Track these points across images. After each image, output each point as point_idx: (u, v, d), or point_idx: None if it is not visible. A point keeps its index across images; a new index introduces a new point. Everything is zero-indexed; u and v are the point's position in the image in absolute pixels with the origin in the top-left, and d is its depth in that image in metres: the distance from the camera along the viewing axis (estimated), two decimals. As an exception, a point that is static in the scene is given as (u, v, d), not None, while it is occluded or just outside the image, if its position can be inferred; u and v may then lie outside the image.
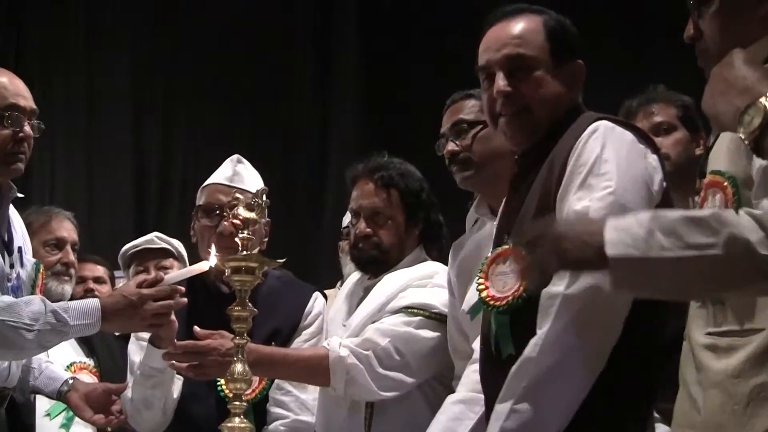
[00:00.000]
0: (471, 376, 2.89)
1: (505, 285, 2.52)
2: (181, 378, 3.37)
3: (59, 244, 4.15)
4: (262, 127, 7.42)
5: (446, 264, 3.36)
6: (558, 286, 2.30)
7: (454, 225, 3.56)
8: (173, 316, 3.08)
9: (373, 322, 3.31)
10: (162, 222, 7.41)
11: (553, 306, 2.30)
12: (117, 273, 4.95)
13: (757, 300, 2.05)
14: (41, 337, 3.02)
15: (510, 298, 2.49)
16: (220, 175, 3.52)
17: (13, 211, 3.41)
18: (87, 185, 7.77)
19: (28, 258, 3.42)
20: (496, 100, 2.62)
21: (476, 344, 2.87)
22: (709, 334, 2.15)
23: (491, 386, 2.55)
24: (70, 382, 3.56)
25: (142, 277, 3.09)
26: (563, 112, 2.62)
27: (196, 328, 3.11)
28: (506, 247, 2.56)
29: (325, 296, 3.76)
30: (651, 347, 2.42)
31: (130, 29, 7.96)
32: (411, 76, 7.25)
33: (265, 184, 3.36)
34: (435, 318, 3.30)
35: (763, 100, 1.77)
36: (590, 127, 2.48)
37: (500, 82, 2.59)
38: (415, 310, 3.30)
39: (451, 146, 3.12)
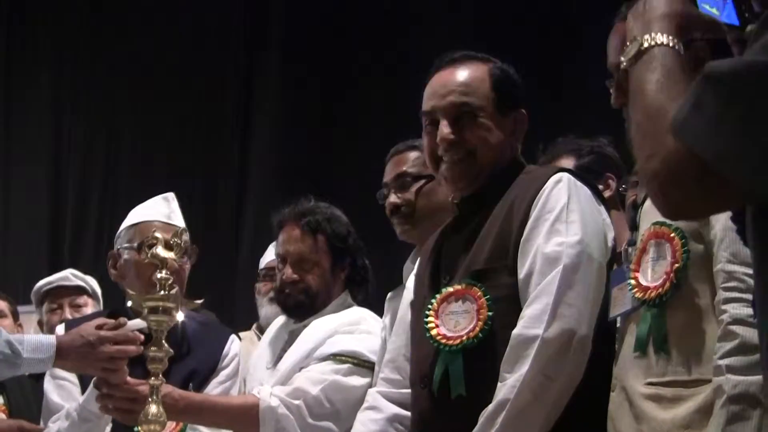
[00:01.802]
0: (369, 426, 2.85)
1: (458, 324, 2.51)
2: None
3: None
4: (181, 165, 7.25)
5: (371, 308, 3.37)
6: (534, 329, 2.33)
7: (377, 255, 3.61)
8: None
9: (301, 369, 3.25)
10: (78, 254, 7.27)
11: (531, 348, 2.32)
12: (21, 308, 4.78)
13: (704, 349, 2.06)
14: None
15: (464, 337, 2.48)
16: (156, 212, 3.39)
17: None
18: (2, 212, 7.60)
19: None
20: (438, 146, 2.63)
21: (371, 392, 2.90)
22: (651, 384, 2.15)
23: (430, 427, 2.57)
24: None
25: (102, 319, 2.99)
26: (506, 159, 2.67)
27: (129, 378, 2.98)
28: (458, 287, 2.54)
29: (239, 338, 3.69)
30: (591, 392, 2.39)
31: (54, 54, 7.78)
32: (334, 113, 7.14)
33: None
34: (363, 365, 3.24)
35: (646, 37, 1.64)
36: (554, 178, 2.52)
37: (444, 129, 2.63)
38: (343, 358, 3.25)
39: (393, 199, 3.14)
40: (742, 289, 2.01)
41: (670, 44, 1.60)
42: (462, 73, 2.67)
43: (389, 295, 3.29)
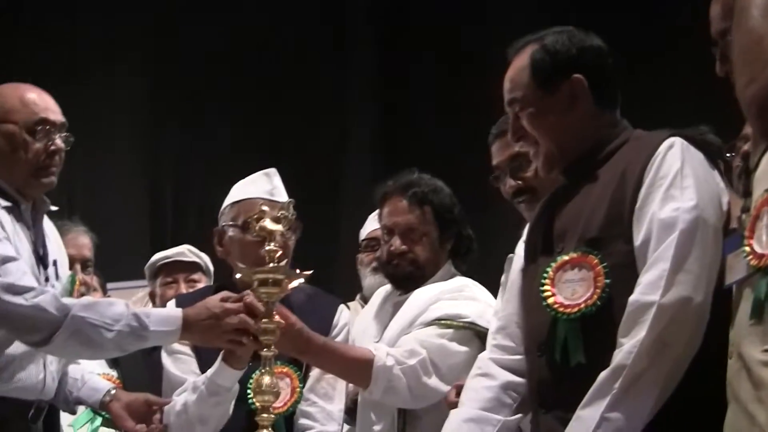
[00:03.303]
0: (482, 393, 2.80)
1: (575, 292, 2.49)
2: None
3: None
4: (281, 142, 7.28)
5: (475, 279, 3.39)
6: (651, 295, 2.31)
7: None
8: None
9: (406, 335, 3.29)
10: (180, 230, 7.38)
11: (648, 314, 2.31)
12: (123, 284, 4.83)
13: None
14: (120, 339, 2.98)
15: (582, 305, 2.47)
16: (258, 189, 3.41)
17: (48, 224, 3.38)
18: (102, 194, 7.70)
19: (64, 271, 3.39)
20: None
21: (483, 358, 2.85)
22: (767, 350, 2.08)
23: (547, 394, 2.57)
24: (112, 392, 3.48)
25: (227, 293, 3.01)
26: (588, 126, 2.64)
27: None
28: (574, 255, 2.52)
29: (347, 308, 3.71)
30: (709, 358, 2.34)
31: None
32: (426, 92, 7.09)
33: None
34: (466, 328, 3.28)
35: None
36: (666, 142, 2.49)
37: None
38: (447, 322, 3.28)
39: (512, 182, 3.16)
40: None
41: None
42: (510, 69, 2.70)
43: (509, 256, 3.21)
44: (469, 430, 2.77)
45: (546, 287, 2.53)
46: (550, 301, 2.51)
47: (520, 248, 2.87)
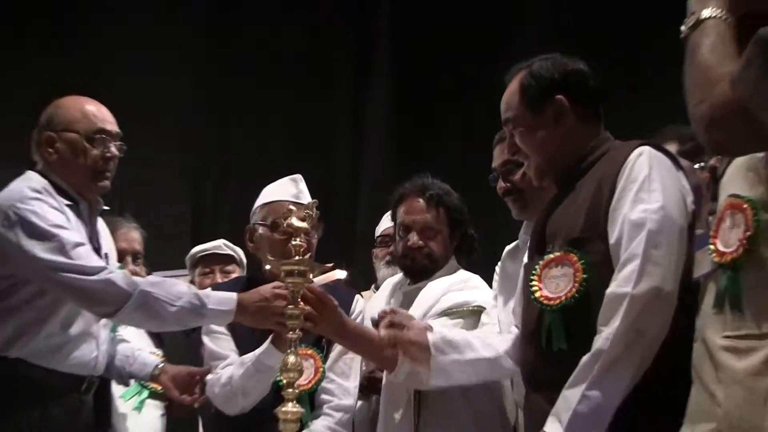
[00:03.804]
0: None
1: (558, 287, 2.51)
2: None
3: (120, 254, 3.97)
4: (306, 150, 7.30)
5: (475, 272, 3.41)
6: (625, 287, 2.34)
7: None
8: None
9: None
10: (216, 227, 7.37)
11: (622, 304, 2.32)
12: (165, 273, 4.84)
13: None
14: (181, 314, 3.04)
15: (563, 298, 2.49)
16: (286, 192, 3.43)
17: (99, 221, 3.40)
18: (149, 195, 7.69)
19: (113, 263, 3.40)
20: None
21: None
22: (727, 336, 2.11)
23: (535, 376, 2.60)
24: (160, 366, 3.55)
25: (278, 282, 3.00)
26: (574, 140, 2.67)
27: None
28: (558, 253, 2.55)
29: (362, 297, 3.71)
30: (676, 342, 2.37)
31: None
32: (435, 105, 7.10)
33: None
34: (473, 312, 3.30)
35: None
36: (636, 151, 2.52)
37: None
38: (456, 311, 3.29)
39: (502, 184, 3.17)
40: None
41: (723, 17, 1.73)
42: (506, 93, 2.75)
43: (507, 250, 3.31)
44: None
45: (534, 282, 2.56)
46: (537, 294, 2.54)
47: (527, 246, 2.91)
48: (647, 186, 2.43)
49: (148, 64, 7.81)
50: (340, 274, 2.89)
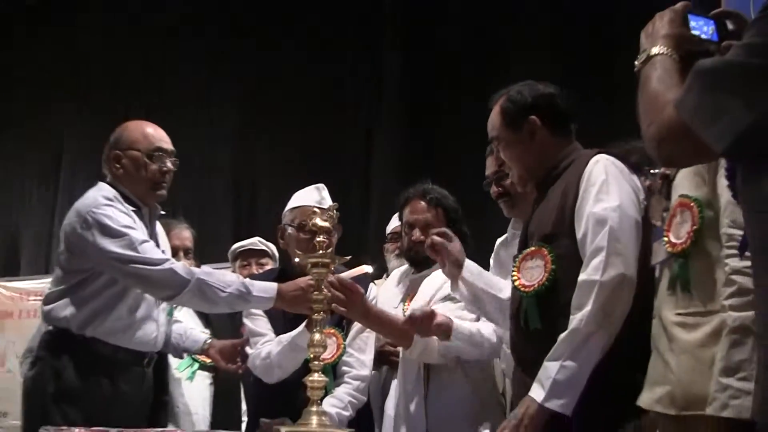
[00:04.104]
0: None
1: (532, 276, 2.51)
2: None
3: (173, 251, 3.94)
4: (327, 159, 7.32)
5: None
6: (594, 275, 2.33)
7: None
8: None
9: None
10: (252, 226, 7.36)
11: (593, 290, 2.32)
12: (208, 266, 4.82)
13: (715, 289, 2.04)
14: (230, 299, 3.06)
15: (536, 285, 2.50)
16: (310, 198, 3.42)
17: (157, 224, 3.41)
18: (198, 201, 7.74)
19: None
20: None
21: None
22: (679, 314, 2.14)
23: (520, 351, 2.59)
24: (208, 341, 3.55)
25: (310, 276, 2.97)
26: (550, 151, 2.66)
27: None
28: (533, 248, 2.55)
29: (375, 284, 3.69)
30: (640, 318, 2.37)
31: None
32: (436, 121, 7.08)
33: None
34: None
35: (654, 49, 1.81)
36: (593, 159, 2.53)
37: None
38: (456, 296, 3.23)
39: (494, 189, 3.15)
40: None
41: (669, 54, 1.77)
42: (491, 114, 2.75)
43: (499, 241, 3.30)
44: None
45: (515, 273, 2.58)
46: (517, 283, 2.55)
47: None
48: (605, 188, 2.43)
49: (199, 91, 7.92)
50: (368, 268, 2.89)
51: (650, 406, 2.16)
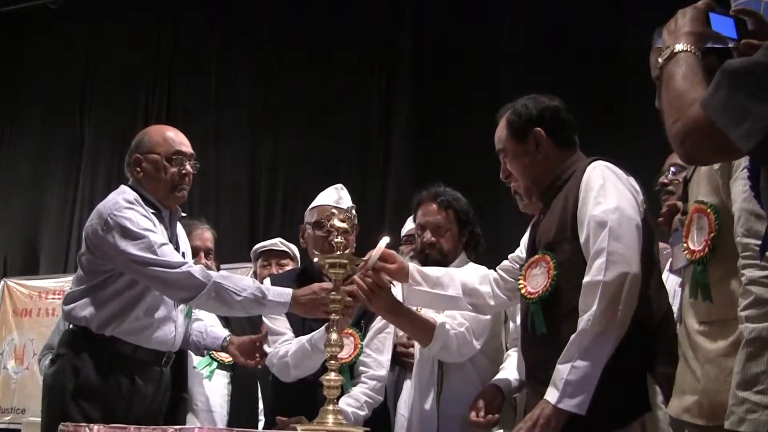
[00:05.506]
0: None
1: (537, 284, 2.53)
2: None
3: (195, 251, 3.96)
4: (345, 163, 7.32)
5: (481, 264, 3.33)
6: (597, 276, 2.33)
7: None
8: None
9: None
10: (269, 227, 7.39)
11: (597, 291, 2.32)
12: (227, 265, 4.82)
13: (734, 296, 1.98)
14: (246, 303, 3.06)
15: (541, 291, 2.52)
16: (329, 198, 3.43)
17: (178, 225, 3.42)
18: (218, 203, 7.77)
19: (189, 260, 3.38)
20: None
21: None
22: (702, 323, 2.10)
23: (530, 356, 2.61)
24: (228, 338, 3.57)
25: (328, 283, 2.97)
26: (552, 161, 2.68)
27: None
28: (538, 256, 2.58)
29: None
30: (647, 319, 2.40)
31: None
32: (450, 127, 7.04)
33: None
34: None
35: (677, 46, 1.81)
36: (590, 166, 2.55)
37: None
38: None
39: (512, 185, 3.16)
40: (755, 257, 1.91)
41: (692, 51, 1.78)
42: (498, 128, 2.76)
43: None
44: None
45: (521, 281, 2.60)
46: (523, 291, 2.58)
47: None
48: (603, 192, 2.44)
49: (215, 100, 7.95)
50: (385, 240, 2.86)
51: (679, 415, 2.13)
